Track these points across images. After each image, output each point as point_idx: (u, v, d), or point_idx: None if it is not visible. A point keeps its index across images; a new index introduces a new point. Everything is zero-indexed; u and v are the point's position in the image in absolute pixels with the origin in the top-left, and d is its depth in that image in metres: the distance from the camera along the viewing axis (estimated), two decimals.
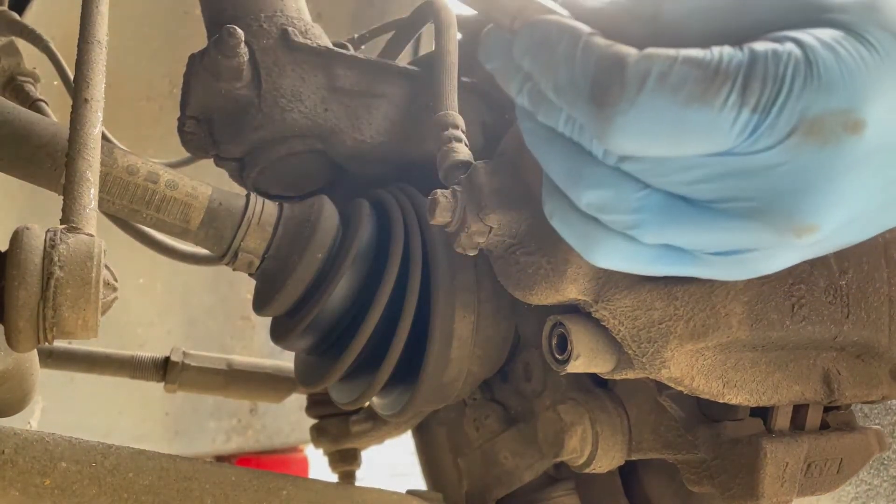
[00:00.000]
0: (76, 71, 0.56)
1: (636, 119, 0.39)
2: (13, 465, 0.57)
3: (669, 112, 0.39)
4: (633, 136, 0.40)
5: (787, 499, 0.62)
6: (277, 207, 0.73)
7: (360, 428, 0.99)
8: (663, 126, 0.39)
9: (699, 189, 0.42)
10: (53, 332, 0.47)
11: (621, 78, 0.39)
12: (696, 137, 0.40)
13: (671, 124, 0.39)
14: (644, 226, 0.44)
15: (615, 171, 0.44)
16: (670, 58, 0.39)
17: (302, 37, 0.76)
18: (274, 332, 0.78)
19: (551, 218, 0.49)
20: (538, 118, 0.47)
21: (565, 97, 0.42)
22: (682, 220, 0.43)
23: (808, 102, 0.38)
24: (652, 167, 0.42)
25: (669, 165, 0.42)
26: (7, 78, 0.94)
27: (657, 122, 0.39)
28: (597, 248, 0.46)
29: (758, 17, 0.42)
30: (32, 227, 0.48)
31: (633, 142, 0.40)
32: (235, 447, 1.64)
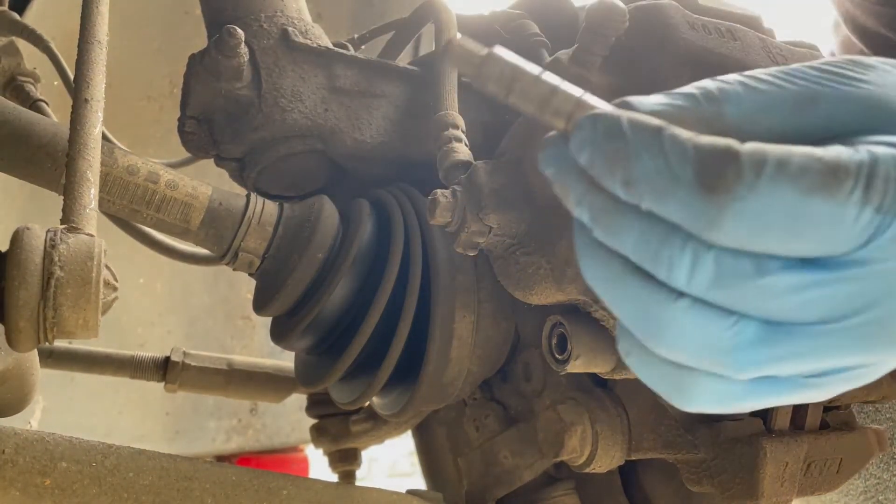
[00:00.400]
0: (76, 71, 0.56)
1: (754, 206, 0.36)
2: (13, 464, 0.57)
3: (789, 201, 0.36)
4: (748, 224, 0.36)
5: (786, 498, 0.62)
6: (278, 207, 0.73)
7: (360, 428, 0.99)
8: (781, 216, 0.36)
9: (805, 309, 0.38)
10: (54, 331, 0.47)
11: (736, 163, 0.36)
12: (815, 231, 0.37)
13: (790, 214, 0.36)
14: (739, 364, 0.39)
15: (698, 305, 0.39)
16: (786, 150, 0.36)
17: (302, 37, 0.76)
18: (274, 331, 0.78)
19: (627, 357, 0.44)
20: (598, 235, 0.42)
21: (648, 189, 0.38)
22: (783, 349, 0.39)
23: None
24: (745, 292, 0.38)
25: (769, 286, 0.38)
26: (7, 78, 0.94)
27: (775, 211, 0.36)
28: (685, 394, 0.42)
29: (830, 118, 0.40)
30: (33, 227, 0.48)
31: (747, 231, 0.37)
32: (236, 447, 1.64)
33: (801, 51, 0.64)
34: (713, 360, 0.39)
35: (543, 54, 0.75)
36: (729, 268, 0.38)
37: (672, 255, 0.38)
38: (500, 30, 0.80)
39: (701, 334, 0.39)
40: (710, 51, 0.57)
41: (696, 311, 0.39)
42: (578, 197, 0.41)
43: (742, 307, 0.38)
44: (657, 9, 0.58)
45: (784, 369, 0.40)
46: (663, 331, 0.40)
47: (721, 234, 0.37)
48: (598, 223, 0.41)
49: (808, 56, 0.64)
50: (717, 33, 0.59)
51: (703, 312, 0.39)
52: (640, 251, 0.40)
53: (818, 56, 0.65)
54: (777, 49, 0.62)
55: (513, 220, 0.58)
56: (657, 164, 0.37)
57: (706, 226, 0.37)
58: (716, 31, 0.59)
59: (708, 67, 0.57)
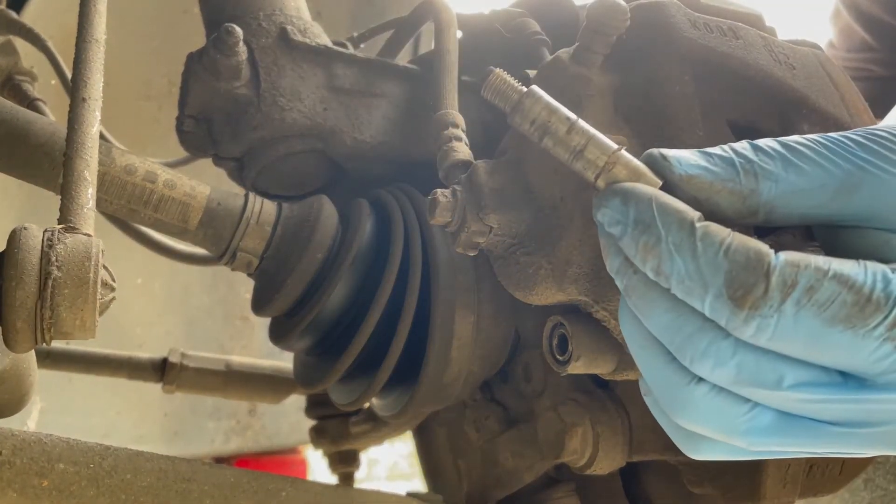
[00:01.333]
0: (74, 70, 0.56)
1: (776, 326, 0.38)
2: (11, 466, 0.57)
3: (812, 327, 0.37)
4: (769, 337, 0.38)
5: (788, 500, 0.62)
6: (276, 207, 0.73)
7: (360, 429, 0.99)
8: (802, 337, 0.38)
9: (821, 413, 0.40)
10: (51, 332, 0.47)
11: (766, 283, 0.37)
12: (832, 355, 0.38)
13: (811, 338, 0.38)
14: (751, 444, 0.41)
15: (717, 390, 0.41)
16: (820, 270, 0.37)
17: (301, 35, 0.76)
18: (273, 332, 0.78)
19: (646, 398, 0.47)
20: (631, 306, 0.44)
21: (678, 285, 0.40)
22: (795, 438, 0.41)
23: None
24: (762, 389, 0.40)
25: (787, 395, 0.40)
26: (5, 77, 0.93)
27: (797, 333, 0.38)
28: (697, 451, 0.44)
29: (870, 207, 0.40)
30: (30, 227, 0.48)
31: (768, 342, 0.39)
32: (234, 448, 1.64)
33: (803, 49, 0.64)
34: (727, 437, 0.41)
35: (544, 53, 0.75)
36: (750, 372, 0.39)
37: (695, 351, 0.40)
38: (501, 28, 0.80)
39: (718, 416, 0.41)
40: (712, 49, 0.57)
41: (714, 395, 0.41)
42: (615, 267, 0.44)
43: (759, 400, 0.40)
44: (659, 7, 0.57)
45: (793, 450, 0.42)
46: (683, 407, 0.42)
47: (744, 337, 0.39)
48: (630, 297, 0.43)
49: (810, 55, 0.63)
50: (719, 32, 0.58)
51: (721, 397, 0.41)
52: (667, 338, 0.42)
53: (820, 56, 0.64)
54: (779, 48, 0.61)
55: (513, 219, 0.57)
56: (688, 267, 0.39)
57: (731, 328, 0.39)
58: (717, 29, 0.59)
59: (710, 66, 0.57)
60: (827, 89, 0.62)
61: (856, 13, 1.25)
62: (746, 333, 0.38)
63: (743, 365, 0.39)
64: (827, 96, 0.62)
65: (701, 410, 0.41)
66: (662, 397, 0.43)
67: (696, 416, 0.41)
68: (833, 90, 0.62)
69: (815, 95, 0.61)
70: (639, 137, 0.55)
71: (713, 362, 0.40)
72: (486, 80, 0.47)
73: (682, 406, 0.42)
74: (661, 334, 0.42)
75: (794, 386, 0.39)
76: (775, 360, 0.39)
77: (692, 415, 0.41)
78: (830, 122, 0.61)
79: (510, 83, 0.45)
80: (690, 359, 0.40)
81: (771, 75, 0.59)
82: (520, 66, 0.69)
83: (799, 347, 0.38)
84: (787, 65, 0.61)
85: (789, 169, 0.41)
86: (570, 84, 0.57)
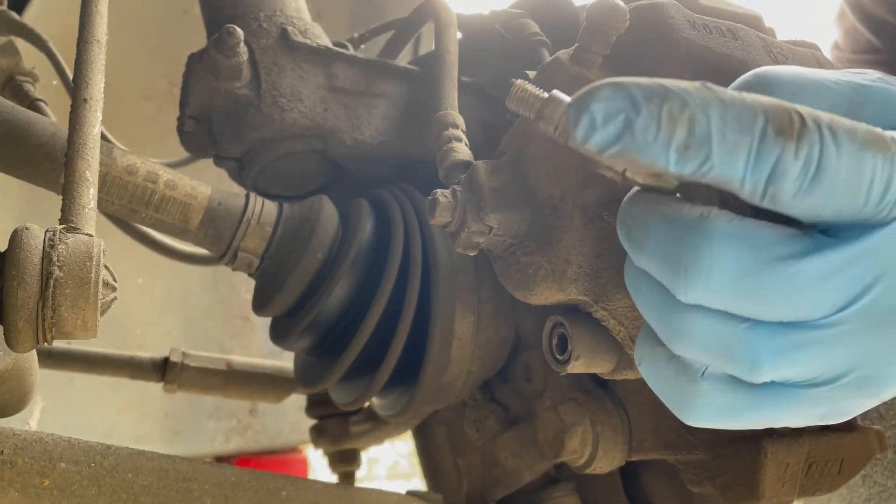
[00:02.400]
0: (75, 70, 0.56)
1: (823, 155, 0.37)
2: (12, 465, 0.57)
3: (851, 152, 0.38)
4: (818, 171, 0.38)
5: (787, 499, 0.62)
6: (277, 207, 0.73)
7: (360, 428, 0.99)
8: (844, 167, 0.38)
9: (824, 297, 0.39)
10: (52, 332, 0.47)
11: (799, 116, 0.38)
12: (870, 192, 0.39)
13: (853, 166, 0.38)
14: (758, 358, 0.40)
15: (712, 313, 0.40)
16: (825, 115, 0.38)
17: (301, 36, 0.76)
18: (273, 332, 0.78)
19: (639, 365, 0.46)
20: (636, 262, 0.44)
21: (723, 144, 0.37)
22: (795, 341, 0.39)
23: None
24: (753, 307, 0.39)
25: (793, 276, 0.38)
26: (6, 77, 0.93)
27: (839, 162, 0.38)
28: (690, 405, 0.43)
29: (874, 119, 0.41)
30: (31, 227, 0.48)
31: (814, 181, 0.38)
32: (235, 448, 1.64)
33: (802, 50, 0.64)
34: (727, 360, 0.40)
35: (544, 53, 0.75)
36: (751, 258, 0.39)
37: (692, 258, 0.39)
38: (501, 29, 0.80)
39: (715, 334, 0.40)
40: (712, 50, 0.57)
41: (708, 315, 0.40)
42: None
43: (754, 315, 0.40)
44: (658, 8, 0.58)
45: (792, 371, 0.40)
46: (681, 330, 0.41)
47: (794, 175, 0.37)
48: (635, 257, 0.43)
49: (809, 56, 0.63)
50: (718, 33, 0.59)
51: (716, 316, 0.40)
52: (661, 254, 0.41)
53: (819, 56, 0.64)
54: (778, 49, 0.62)
55: (513, 219, 0.57)
56: (726, 119, 0.37)
57: (784, 168, 0.37)
58: (717, 30, 0.59)
59: (709, 67, 0.57)
60: None
61: (861, 14, 1.25)
62: (797, 168, 0.37)
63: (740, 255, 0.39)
64: None
65: (698, 328, 0.41)
66: (658, 325, 0.43)
67: (693, 334, 0.41)
68: None
69: None
70: None
71: (707, 263, 0.39)
72: (509, 93, 0.47)
73: (679, 329, 0.41)
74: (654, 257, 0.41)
75: (793, 256, 0.38)
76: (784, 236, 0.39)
77: (690, 334, 0.41)
78: None
79: (532, 92, 0.45)
80: (685, 275, 0.40)
81: None
82: (519, 66, 0.69)
83: (842, 184, 0.37)
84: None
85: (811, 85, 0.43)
86: (569, 84, 0.57)
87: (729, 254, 0.39)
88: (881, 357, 0.40)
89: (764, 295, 0.39)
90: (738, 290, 0.39)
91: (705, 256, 0.39)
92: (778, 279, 0.38)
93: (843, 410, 0.42)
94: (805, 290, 0.38)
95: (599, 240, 0.54)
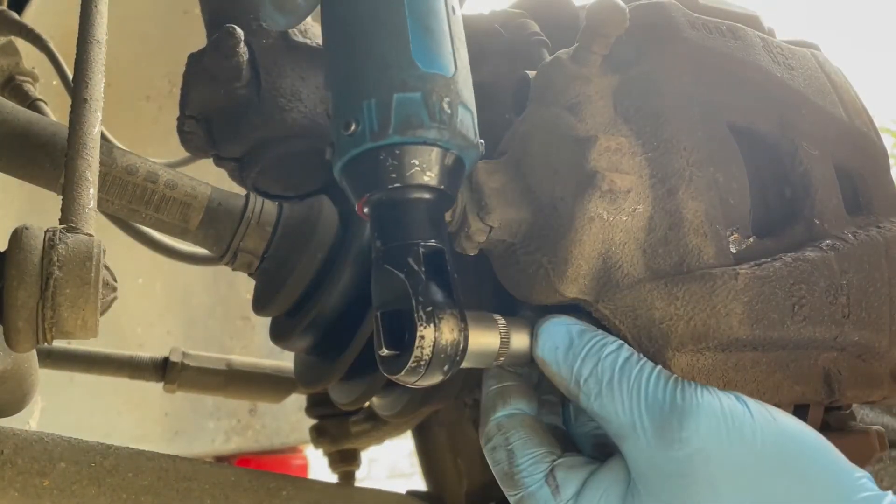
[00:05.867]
0: (75, 70, 0.56)
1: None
2: (12, 465, 0.57)
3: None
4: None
5: None
6: (277, 207, 0.73)
7: (360, 428, 0.99)
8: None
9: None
10: (52, 332, 0.47)
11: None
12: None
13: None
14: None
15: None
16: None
17: (301, 36, 0.76)
18: (274, 332, 0.78)
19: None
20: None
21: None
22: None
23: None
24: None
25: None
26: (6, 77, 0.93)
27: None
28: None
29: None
30: (31, 227, 0.48)
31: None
32: (235, 447, 1.64)
33: (802, 50, 0.64)
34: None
35: (544, 53, 0.75)
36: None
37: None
38: (501, 29, 0.80)
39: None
40: (711, 50, 0.57)
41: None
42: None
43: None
44: (658, 8, 0.58)
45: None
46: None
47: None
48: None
49: (809, 56, 0.64)
50: (718, 33, 0.59)
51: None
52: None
53: (819, 56, 0.64)
54: (778, 49, 0.62)
55: (513, 219, 0.57)
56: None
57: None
58: (717, 30, 0.59)
59: (709, 67, 0.57)
60: (825, 90, 0.62)
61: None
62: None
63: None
64: (825, 97, 0.62)
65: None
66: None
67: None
68: (831, 91, 0.63)
69: (814, 96, 0.61)
70: (638, 137, 0.56)
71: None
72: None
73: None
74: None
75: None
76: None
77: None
78: (829, 122, 0.61)
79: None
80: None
81: (770, 76, 0.59)
82: (519, 66, 0.69)
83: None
84: (785, 65, 0.61)
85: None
86: (569, 84, 0.57)
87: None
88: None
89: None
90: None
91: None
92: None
93: None
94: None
95: (599, 240, 0.54)
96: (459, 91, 0.52)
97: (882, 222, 0.62)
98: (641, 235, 0.54)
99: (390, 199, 0.51)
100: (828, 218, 0.59)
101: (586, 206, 0.53)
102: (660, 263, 0.54)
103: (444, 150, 0.51)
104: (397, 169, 0.50)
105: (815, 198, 0.59)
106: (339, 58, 0.52)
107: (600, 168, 0.53)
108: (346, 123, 0.50)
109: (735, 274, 0.53)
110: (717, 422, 0.48)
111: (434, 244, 0.50)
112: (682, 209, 0.54)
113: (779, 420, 0.49)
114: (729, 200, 0.55)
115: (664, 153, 0.55)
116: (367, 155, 0.50)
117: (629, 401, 0.49)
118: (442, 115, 0.50)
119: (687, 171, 0.54)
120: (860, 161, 0.63)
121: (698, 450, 0.47)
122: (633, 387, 0.50)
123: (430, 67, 0.51)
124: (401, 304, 0.49)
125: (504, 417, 0.54)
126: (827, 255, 0.57)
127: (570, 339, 0.53)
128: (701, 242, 0.53)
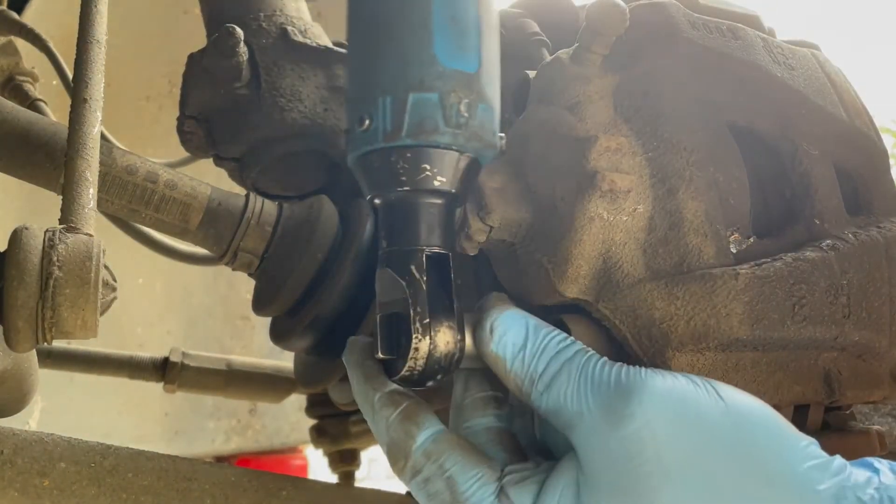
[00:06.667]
0: (75, 70, 0.56)
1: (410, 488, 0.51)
2: (12, 465, 0.57)
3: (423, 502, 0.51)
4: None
5: None
6: (277, 207, 0.73)
7: (360, 428, 0.99)
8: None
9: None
10: (52, 332, 0.47)
11: (404, 462, 0.50)
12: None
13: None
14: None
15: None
16: (441, 469, 0.49)
17: (301, 36, 0.76)
18: (274, 332, 0.78)
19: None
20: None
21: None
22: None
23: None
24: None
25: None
26: (6, 77, 0.93)
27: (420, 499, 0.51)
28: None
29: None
30: (31, 227, 0.48)
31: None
32: (235, 447, 1.64)
33: (802, 50, 0.64)
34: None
35: (544, 53, 0.75)
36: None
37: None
38: (501, 28, 0.80)
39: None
40: (712, 50, 0.57)
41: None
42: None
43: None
44: (658, 8, 0.58)
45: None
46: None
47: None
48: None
49: (809, 56, 0.63)
50: (719, 32, 0.59)
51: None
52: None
53: (819, 56, 0.64)
54: (778, 49, 0.62)
55: (513, 219, 0.57)
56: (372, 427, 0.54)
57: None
58: (717, 30, 0.59)
59: (709, 66, 0.57)
60: (825, 90, 0.62)
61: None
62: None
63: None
64: (825, 97, 0.62)
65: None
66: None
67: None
68: (831, 91, 0.62)
69: (814, 96, 0.61)
70: (638, 137, 0.56)
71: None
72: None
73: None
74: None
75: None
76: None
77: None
78: (829, 122, 0.61)
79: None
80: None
81: (770, 76, 0.59)
82: (519, 66, 0.69)
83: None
84: (786, 65, 0.61)
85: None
86: (569, 84, 0.57)
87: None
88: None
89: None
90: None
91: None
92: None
93: None
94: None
95: (599, 240, 0.54)
96: (482, 89, 0.50)
97: (882, 222, 0.62)
98: (641, 235, 0.54)
99: (399, 201, 0.50)
100: (828, 218, 0.59)
101: (586, 205, 0.53)
102: (660, 263, 0.54)
103: (459, 154, 0.50)
104: (408, 172, 0.49)
105: (815, 198, 0.59)
106: (360, 45, 0.51)
107: (600, 168, 0.53)
108: (361, 118, 0.49)
109: (735, 274, 0.53)
110: (662, 397, 0.46)
111: (438, 250, 0.50)
112: (682, 209, 0.54)
113: (726, 396, 0.48)
114: (729, 200, 0.55)
115: (664, 153, 0.55)
116: (378, 154, 0.50)
117: (576, 388, 0.48)
118: (459, 119, 0.49)
119: (687, 171, 0.54)
120: (860, 161, 0.63)
121: (645, 424, 0.45)
122: (580, 374, 0.49)
123: (451, 63, 0.49)
124: (400, 309, 0.48)
125: (429, 442, 0.50)
126: (827, 255, 0.57)
127: (527, 333, 0.51)
128: (701, 242, 0.53)
